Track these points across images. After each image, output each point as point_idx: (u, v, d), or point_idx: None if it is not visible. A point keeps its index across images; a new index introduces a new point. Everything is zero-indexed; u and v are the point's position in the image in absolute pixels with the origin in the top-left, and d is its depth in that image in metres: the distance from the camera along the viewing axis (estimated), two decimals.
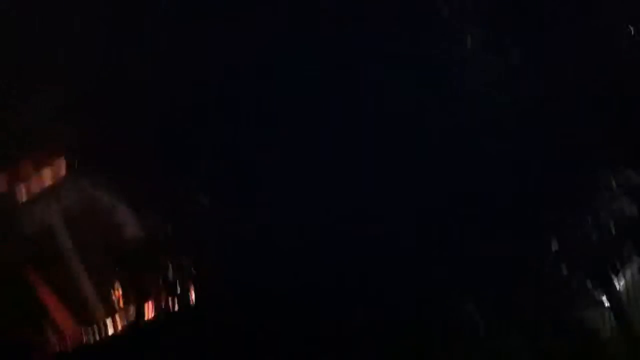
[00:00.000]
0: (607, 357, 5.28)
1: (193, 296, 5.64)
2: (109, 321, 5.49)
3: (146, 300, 5.60)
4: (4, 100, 5.63)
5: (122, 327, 5.53)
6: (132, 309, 5.56)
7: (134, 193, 5.79)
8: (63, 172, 5.62)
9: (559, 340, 5.38)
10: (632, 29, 5.81)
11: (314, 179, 5.85)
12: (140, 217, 5.74)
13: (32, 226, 5.43)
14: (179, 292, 5.64)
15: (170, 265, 5.70)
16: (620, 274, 5.51)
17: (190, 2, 6.07)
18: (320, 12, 6.04)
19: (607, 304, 5.43)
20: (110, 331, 5.48)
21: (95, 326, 5.42)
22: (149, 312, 5.62)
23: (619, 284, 5.51)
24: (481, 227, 5.70)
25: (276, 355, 5.65)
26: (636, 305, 5.43)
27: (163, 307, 5.61)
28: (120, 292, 5.55)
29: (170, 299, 5.64)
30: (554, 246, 5.58)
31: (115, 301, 5.55)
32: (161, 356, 5.42)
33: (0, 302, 5.22)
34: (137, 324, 5.55)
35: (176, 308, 5.62)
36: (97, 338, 5.40)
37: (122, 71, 5.92)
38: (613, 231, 5.58)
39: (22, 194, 5.52)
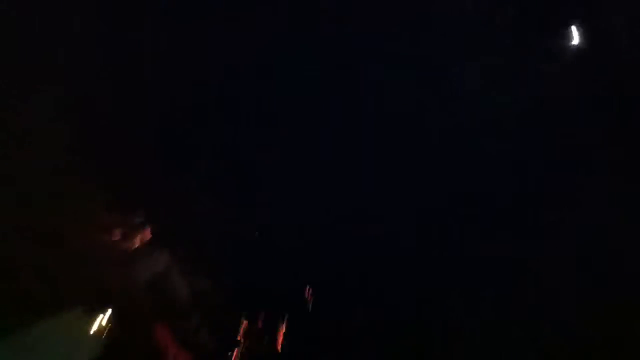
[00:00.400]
0: (607, 356, 5.27)
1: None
2: None
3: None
4: (4, 100, 5.67)
5: None
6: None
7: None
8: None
9: (559, 340, 5.37)
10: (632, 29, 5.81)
11: (314, 179, 5.86)
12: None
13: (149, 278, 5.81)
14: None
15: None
16: None
17: (191, 2, 6.08)
18: (320, 12, 6.04)
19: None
20: None
21: None
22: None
23: None
24: (481, 227, 5.69)
25: (277, 354, 5.66)
26: None
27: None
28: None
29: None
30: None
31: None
32: None
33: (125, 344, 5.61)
34: None
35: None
36: None
37: (122, 71, 5.93)
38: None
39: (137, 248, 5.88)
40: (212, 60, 6.00)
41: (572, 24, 5.84)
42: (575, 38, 5.81)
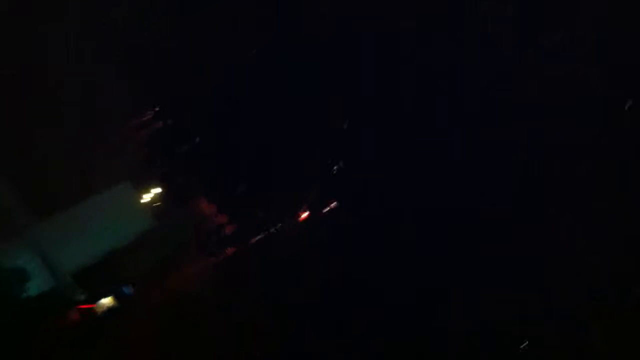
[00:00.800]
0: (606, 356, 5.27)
1: None
2: None
3: None
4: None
5: None
6: None
7: None
8: None
9: (560, 340, 5.36)
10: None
11: (313, 178, 5.87)
12: None
13: None
14: None
15: None
16: None
17: (192, 2, 6.09)
18: (321, 13, 6.04)
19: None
20: None
21: None
22: None
23: None
24: (482, 228, 5.68)
25: (276, 354, 5.66)
26: None
27: None
28: None
29: None
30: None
31: None
32: None
33: None
34: None
35: None
36: None
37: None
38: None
39: None
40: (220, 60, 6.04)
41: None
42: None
